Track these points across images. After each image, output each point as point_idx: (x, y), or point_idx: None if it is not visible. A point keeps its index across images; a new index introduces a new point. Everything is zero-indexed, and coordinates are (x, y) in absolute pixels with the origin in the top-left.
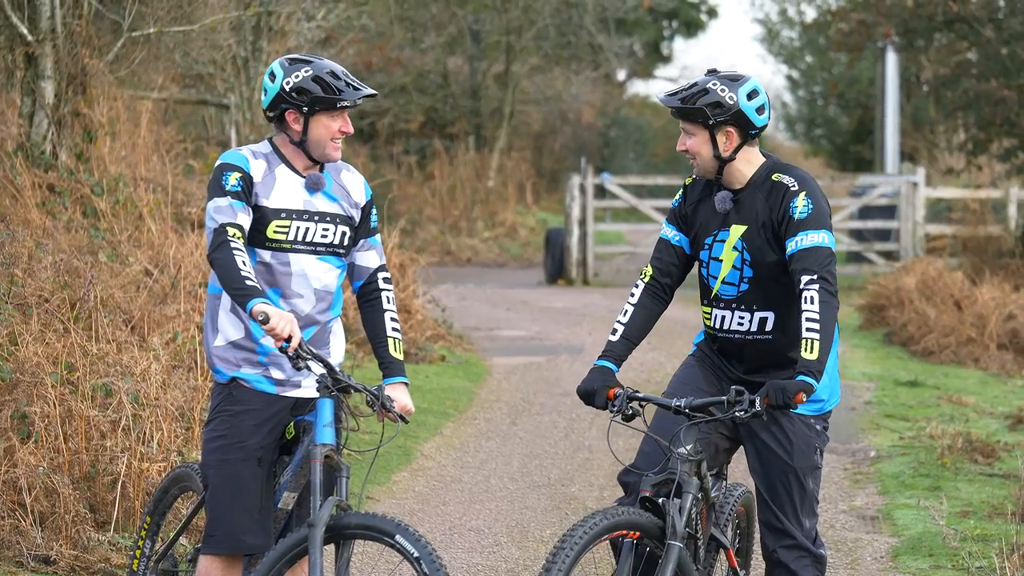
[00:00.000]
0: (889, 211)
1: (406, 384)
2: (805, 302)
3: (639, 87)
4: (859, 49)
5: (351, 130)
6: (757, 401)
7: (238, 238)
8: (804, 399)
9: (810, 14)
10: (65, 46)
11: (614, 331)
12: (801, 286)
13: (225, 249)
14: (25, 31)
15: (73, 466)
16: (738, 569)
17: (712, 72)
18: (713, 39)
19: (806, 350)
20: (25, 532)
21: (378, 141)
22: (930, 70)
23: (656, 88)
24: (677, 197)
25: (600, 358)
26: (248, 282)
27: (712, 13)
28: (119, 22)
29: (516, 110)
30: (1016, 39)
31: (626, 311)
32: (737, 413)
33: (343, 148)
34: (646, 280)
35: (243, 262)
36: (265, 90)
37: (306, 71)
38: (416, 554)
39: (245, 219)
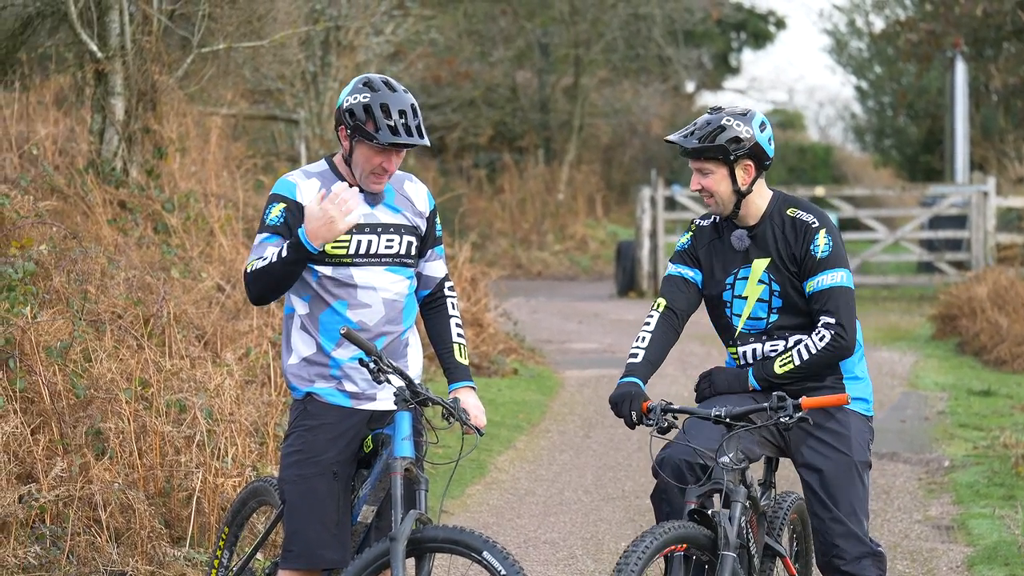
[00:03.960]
0: (960, 221)
1: (473, 388)
2: (815, 335)
3: (708, 98)
4: (928, 59)
5: (392, 169)
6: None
7: (254, 264)
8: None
9: (879, 25)
10: (135, 63)
11: (634, 355)
12: (820, 324)
13: (250, 278)
14: (95, 48)
15: (148, 482)
16: None
17: (717, 109)
18: (781, 50)
19: (781, 363)
20: (101, 548)
21: (447, 155)
22: (999, 79)
23: (725, 99)
24: (685, 240)
25: (625, 376)
26: (278, 252)
27: (780, 24)
28: (188, 38)
29: (585, 123)
30: None
31: (643, 337)
32: (782, 419)
33: (412, 160)
34: (660, 310)
35: (261, 258)
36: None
37: (364, 96)
38: (503, 572)
39: None
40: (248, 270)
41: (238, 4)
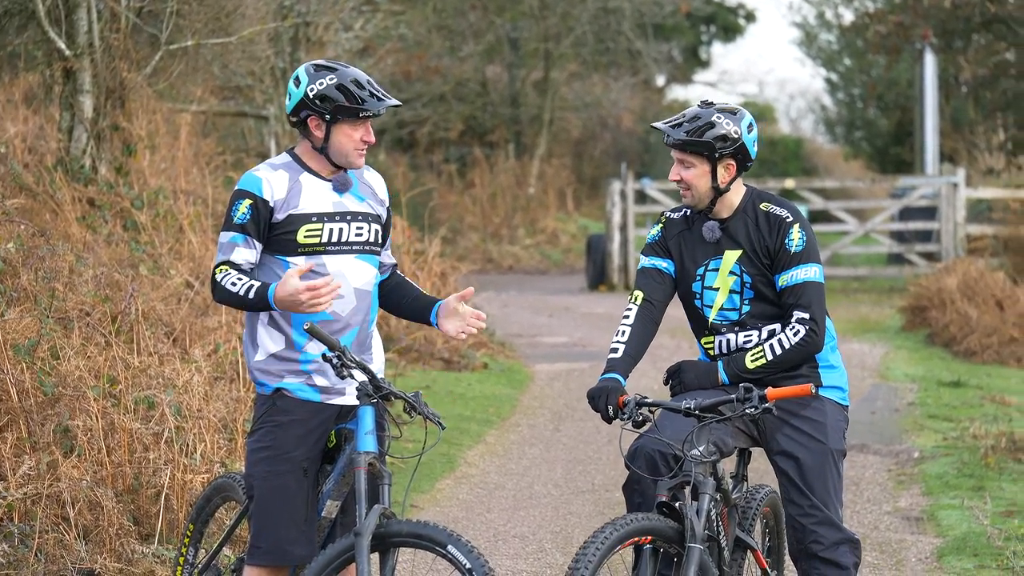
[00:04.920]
0: (930, 212)
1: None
2: (788, 329)
3: (678, 92)
4: (897, 51)
5: (372, 140)
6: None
7: (224, 270)
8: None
9: (848, 17)
10: (103, 60)
11: (614, 350)
12: (793, 319)
13: (218, 288)
14: (63, 46)
15: (116, 479)
16: (768, 570)
17: (708, 104)
18: (751, 43)
19: (753, 358)
20: (69, 546)
21: (418, 150)
22: (969, 71)
23: (695, 93)
24: (656, 232)
25: (605, 372)
26: (248, 288)
27: (750, 17)
28: (157, 35)
29: (555, 117)
30: None
31: (623, 331)
32: (748, 410)
33: (382, 155)
34: (638, 303)
35: (232, 281)
36: (289, 95)
37: (330, 79)
38: (468, 565)
39: (245, 252)
40: (216, 277)
41: (206, 1)
